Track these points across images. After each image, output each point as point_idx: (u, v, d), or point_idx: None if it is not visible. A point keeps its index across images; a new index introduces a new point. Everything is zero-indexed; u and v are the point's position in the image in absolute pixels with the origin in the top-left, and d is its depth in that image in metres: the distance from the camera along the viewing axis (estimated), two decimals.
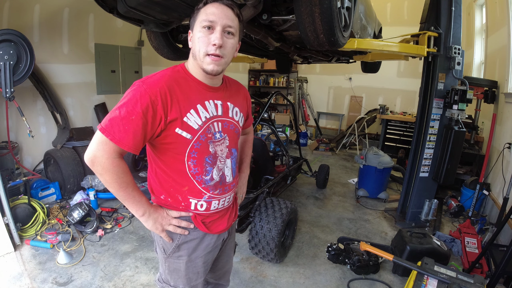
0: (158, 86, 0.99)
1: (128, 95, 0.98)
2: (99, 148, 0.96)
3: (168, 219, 1.14)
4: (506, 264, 1.95)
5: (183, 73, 1.09)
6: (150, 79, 1.01)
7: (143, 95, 0.97)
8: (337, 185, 4.59)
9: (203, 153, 1.11)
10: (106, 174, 0.97)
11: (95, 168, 0.97)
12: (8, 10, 3.41)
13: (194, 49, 1.05)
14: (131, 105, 0.95)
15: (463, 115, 2.80)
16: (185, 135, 1.05)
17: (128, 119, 0.95)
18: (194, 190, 1.13)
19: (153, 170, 1.15)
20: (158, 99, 0.98)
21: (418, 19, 3.09)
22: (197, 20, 1.03)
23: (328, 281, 2.38)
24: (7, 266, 2.37)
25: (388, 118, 6.05)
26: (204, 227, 1.18)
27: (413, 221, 3.25)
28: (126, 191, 1.02)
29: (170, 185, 1.13)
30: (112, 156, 0.97)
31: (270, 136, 4.31)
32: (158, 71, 1.06)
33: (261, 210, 2.49)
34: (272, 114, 7.89)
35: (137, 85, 0.99)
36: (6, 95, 2.70)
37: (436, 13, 2.85)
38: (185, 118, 1.04)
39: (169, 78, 1.04)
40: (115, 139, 0.94)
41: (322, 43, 1.74)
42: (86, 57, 4.34)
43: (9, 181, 3.00)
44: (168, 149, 1.07)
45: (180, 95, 1.03)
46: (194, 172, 1.11)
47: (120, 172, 0.99)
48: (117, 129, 0.94)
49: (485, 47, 4.57)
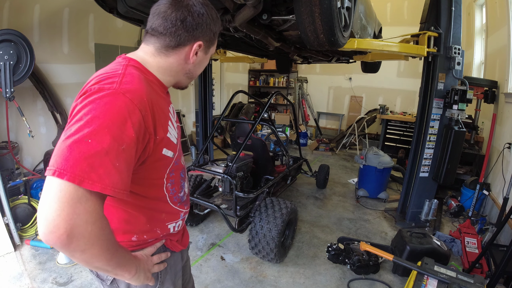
0: (145, 95, 0.73)
1: (102, 111, 0.64)
2: (77, 212, 0.59)
3: (150, 261, 0.90)
4: (506, 264, 1.95)
5: (147, 73, 0.83)
6: (128, 84, 0.71)
7: (132, 109, 0.68)
8: (337, 185, 4.59)
9: (179, 169, 0.95)
10: (93, 247, 0.63)
11: (75, 246, 0.60)
12: (8, 10, 3.40)
13: (196, 73, 0.94)
14: (117, 128, 0.64)
15: (463, 115, 2.80)
16: (169, 154, 0.85)
17: (118, 150, 0.64)
18: (172, 213, 0.96)
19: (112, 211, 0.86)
20: (148, 113, 0.72)
21: (418, 19, 3.09)
22: (213, 47, 0.93)
23: (328, 281, 2.38)
24: (7, 266, 2.37)
25: (388, 118, 6.05)
26: (179, 246, 1.05)
27: (413, 221, 3.25)
28: (117, 255, 0.71)
29: (145, 221, 0.90)
30: (100, 216, 0.65)
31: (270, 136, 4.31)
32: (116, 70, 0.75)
33: (261, 210, 2.49)
34: (272, 114, 7.90)
35: (113, 94, 0.67)
36: (6, 95, 2.70)
37: (436, 13, 2.85)
38: (168, 133, 0.84)
39: (144, 81, 0.77)
40: (107, 187, 0.62)
41: (322, 43, 1.74)
42: (86, 57, 4.34)
43: (9, 181, 3.00)
44: (145, 177, 0.83)
45: (159, 103, 0.81)
46: (172, 194, 0.93)
47: (108, 233, 0.68)
48: (104, 171, 0.62)
49: (485, 47, 4.57)
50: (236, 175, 2.66)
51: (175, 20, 0.80)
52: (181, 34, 0.82)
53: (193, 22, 0.82)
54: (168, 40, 0.82)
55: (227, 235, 2.99)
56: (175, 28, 0.81)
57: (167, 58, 0.85)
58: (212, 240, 2.92)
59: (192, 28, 0.82)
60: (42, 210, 0.59)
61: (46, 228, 0.58)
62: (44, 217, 0.59)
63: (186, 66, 0.89)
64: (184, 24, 0.81)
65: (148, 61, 0.85)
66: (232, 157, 2.86)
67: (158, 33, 0.82)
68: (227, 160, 2.93)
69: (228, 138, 6.02)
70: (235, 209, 2.52)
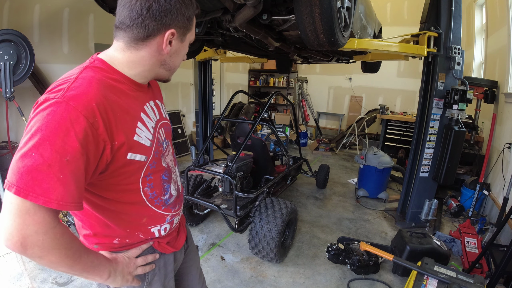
0: (93, 100, 0.68)
1: (44, 123, 0.63)
2: (26, 223, 0.62)
3: (132, 263, 0.89)
4: (506, 264, 1.95)
5: (111, 72, 0.78)
6: (74, 89, 0.67)
7: (75, 118, 0.64)
8: (337, 185, 4.59)
9: (159, 171, 0.89)
10: (50, 254, 0.65)
11: (30, 252, 0.63)
12: (8, 10, 3.41)
13: (174, 65, 0.87)
14: (59, 139, 0.62)
15: (463, 115, 2.80)
16: (139, 158, 0.80)
17: (61, 163, 0.62)
18: (155, 217, 0.92)
19: (91, 215, 0.84)
20: (98, 119, 0.68)
21: (418, 19, 3.09)
22: (191, 33, 0.86)
23: (328, 281, 2.38)
24: (7, 266, 2.37)
25: (388, 118, 6.06)
26: (170, 249, 1.00)
27: (413, 221, 3.25)
28: (81, 261, 0.72)
29: (124, 225, 0.87)
30: (52, 227, 0.65)
31: (270, 136, 4.31)
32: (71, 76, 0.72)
33: (261, 210, 2.49)
34: (272, 114, 7.90)
35: (56, 104, 0.64)
36: (6, 95, 2.71)
37: (436, 13, 2.85)
38: (136, 136, 0.78)
39: (99, 83, 0.72)
40: (51, 201, 0.62)
41: (322, 43, 1.74)
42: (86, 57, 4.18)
43: None
44: (115, 183, 0.79)
45: (121, 105, 0.75)
46: (152, 197, 0.89)
47: (67, 243, 0.68)
48: (48, 184, 0.61)
49: (485, 47, 4.57)
50: (236, 175, 2.66)
51: (140, 9, 0.73)
52: (148, 23, 0.75)
53: (160, 8, 0.74)
54: (136, 32, 0.76)
55: (227, 235, 2.99)
56: (142, 17, 0.74)
57: (138, 51, 0.79)
58: (212, 240, 2.92)
59: (160, 15, 0.75)
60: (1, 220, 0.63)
61: (3, 236, 0.62)
62: (2, 226, 0.62)
63: (160, 57, 0.82)
64: (151, 12, 0.74)
65: (117, 58, 0.80)
66: (232, 157, 2.86)
67: (126, 26, 0.76)
68: (227, 160, 2.93)
69: (228, 138, 6.02)
70: (235, 209, 2.52)
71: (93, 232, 0.87)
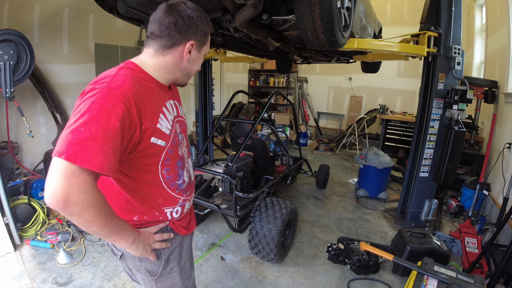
0: (129, 91, 0.86)
1: (92, 106, 0.79)
2: (71, 183, 0.75)
3: (151, 238, 1.05)
4: (506, 264, 1.95)
5: (140, 73, 0.97)
6: (115, 82, 0.85)
7: (116, 103, 0.81)
8: (337, 185, 4.59)
9: (175, 158, 1.06)
10: (87, 212, 0.79)
11: (70, 209, 0.76)
12: (8, 10, 3.41)
13: (192, 70, 1.06)
14: (103, 119, 0.78)
15: (463, 115, 2.80)
16: (160, 143, 0.96)
17: (104, 137, 0.77)
18: (169, 198, 1.07)
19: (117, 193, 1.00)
20: (133, 106, 0.85)
21: (418, 19, 3.09)
22: (206, 46, 1.05)
23: (328, 281, 2.38)
24: (7, 266, 2.37)
25: (388, 118, 6.05)
26: (184, 230, 1.16)
27: (413, 221, 3.25)
28: (111, 223, 0.86)
29: (142, 203, 1.02)
30: (91, 188, 0.79)
31: (270, 136, 4.31)
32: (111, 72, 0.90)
33: (261, 210, 2.49)
34: (272, 114, 7.90)
35: (101, 92, 0.82)
36: (6, 95, 2.70)
37: (436, 13, 2.85)
38: (158, 124, 0.96)
39: (132, 80, 0.90)
40: (95, 165, 0.76)
41: (322, 43, 1.73)
42: (86, 57, 4.34)
43: (9, 181, 3.00)
44: (140, 163, 0.96)
45: (148, 98, 0.93)
46: (168, 180, 1.04)
47: (102, 204, 0.82)
48: (93, 152, 0.76)
49: (485, 47, 4.57)
50: (236, 175, 2.66)
51: (168, 24, 0.93)
52: (174, 35, 0.95)
53: (184, 24, 0.94)
54: (164, 41, 0.96)
55: (227, 235, 2.99)
56: (169, 30, 0.94)
57: (164, 57, 0.98)
58: (212, 240, 2.92)
59: (183, 29, 0.95)
60: (47, 181, 0.76)
61: (48, 194, 0.75)
62: (48, 186, 0.76)
63: (181, 63, 1.01)
64: (177, 26, 0.94)
65: (147, 62, 0.99)
66: (232, 157, 2.86)
67: (156, 36, 0.95)
68: (227, 160, 2.93)
69: (228, 138, 6.02)
70: (235, 209, 2.52)
71: (118, 207, 1.00)
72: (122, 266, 1.19)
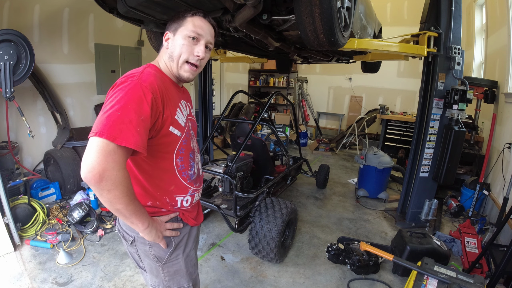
0: (155, 83, 0.99)
1: (126, 94, 0.92)
2: (108, 160, 0.85)
3: (163, 225, 1.12)
4: (506, 264, 1.95)
5: (159, 72, 1.09)
6: (143, 76, 0.99)
7: (147, 92, 0.94)
8: (337, 185, 4.59)
9: (188, 149, 1.16)
10: (117, 189, 0.88)
11: (104, 184, 0.86)
12: (8, 10, 3.41)
13: (173, 53, 1.08)
14: (136, 105, 0.91)
15: (463, 115, 2.79)
16: (176, 132, 1.07)
17: (138, 120, 0.90)
18: (181, 187, 1.16)
19: (134, 177, 1.09)
20: (158, 96, 0.98)
21: (418, 19, 3.09)
22: (183, 27, 1.08)
23: (328, 281, 2.38)
24: (7, 266, 2.37)
25: (388, 118, 6.05)
26: (192, 221, 1.24)
27: (413, 221, 3.25)
28: (134, 204, 0.95)
29: (156, 188, 1.11)
30: (123, 167, 0.89)
31: (270, 136, 4.31)
32: (138, 70, 1.03)
33: (261, 210, 2.49)
34: (272, 114, 7.90)
35: (133, 83, 0.95)
36: (6, 95, 2.70)
37: (436, 13, 2.85)
38: (176, 116, 1.07)
39: (156, 76, 1.03)
40: (131, 143, 0.88)
41: (322, 43, 1.73)
42: (86, 57, 4.34)
43: (9, 181, 3.01)
44: (158, 150, 1.06)
45: (168, 92, 1.06)
46: (181, 169, 1.14)
47: (129, 184, 0.92)
48: (130, 133, 0.88)
49: (485, 47, 4.57)
50: (236, 175, 2.66)
51: None
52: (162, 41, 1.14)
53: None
54: None
55: (227, 235, 2.99)
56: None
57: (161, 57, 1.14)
58: (212, 240, 2.92)
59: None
60: (85, 158, 0.85)
61: (86, 168, 0.84)
62: (86, 162, 0.85)
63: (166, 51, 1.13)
64: None
65: (160, 65, 1.13)
66: (232, 157, 2.86)
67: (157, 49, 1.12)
68: (227, 160, 2.93)
69: (228, 138, 6.01)
70: (235, 209, 2.52)
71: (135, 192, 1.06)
72: (130, 253, 1.25)
